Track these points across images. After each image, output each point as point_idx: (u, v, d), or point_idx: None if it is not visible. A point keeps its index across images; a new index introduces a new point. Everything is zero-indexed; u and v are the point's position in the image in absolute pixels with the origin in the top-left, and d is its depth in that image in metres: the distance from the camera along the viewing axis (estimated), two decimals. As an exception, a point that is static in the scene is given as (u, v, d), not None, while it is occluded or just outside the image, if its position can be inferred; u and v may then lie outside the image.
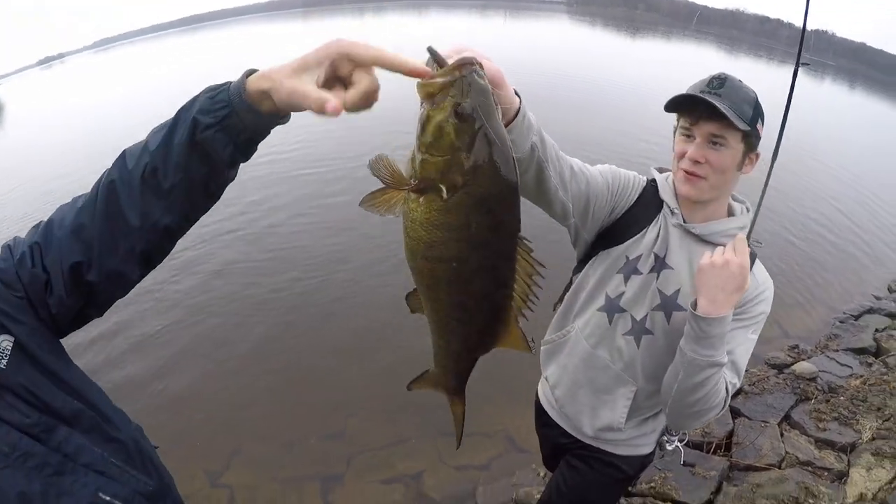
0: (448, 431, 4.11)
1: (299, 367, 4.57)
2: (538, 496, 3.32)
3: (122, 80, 25.24)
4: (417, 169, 0.82)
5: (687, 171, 1.46)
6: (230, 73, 0.88)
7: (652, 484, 3.32)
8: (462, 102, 0.76)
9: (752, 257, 1.53)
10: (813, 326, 5.68)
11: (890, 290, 6.70)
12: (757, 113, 1.42)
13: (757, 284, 1.49)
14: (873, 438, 3.81)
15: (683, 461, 3.30)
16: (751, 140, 1.43)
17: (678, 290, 1.54)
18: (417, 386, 1.21)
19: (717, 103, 1.36)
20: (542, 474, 3.45)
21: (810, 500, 3.19)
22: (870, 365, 4.84)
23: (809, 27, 2.81)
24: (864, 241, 8.09)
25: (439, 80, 0.77)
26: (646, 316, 1.57)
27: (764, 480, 3.38)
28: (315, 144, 9.77)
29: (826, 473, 3.49)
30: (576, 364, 1.75)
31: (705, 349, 1.38)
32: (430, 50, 0.81)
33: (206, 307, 5.33)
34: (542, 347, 1.91)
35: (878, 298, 6.35)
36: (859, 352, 5.06)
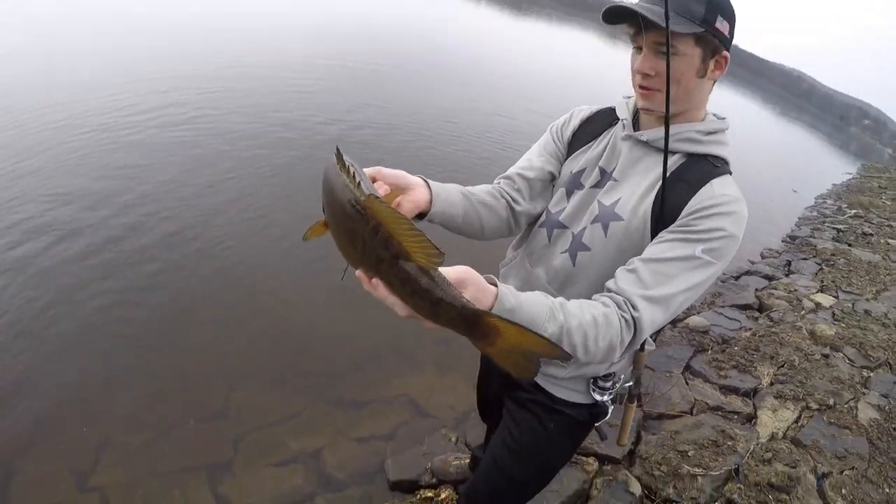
0: (342, 400, 3.51)
1: (165, 334, 3.68)
2: (456, 463, 2.92)
3: None
4: None
5: (641, 87, 1.26)
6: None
7: (570, 438, 3.06)
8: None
9: (713, 173, 1.23)
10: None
11: (762, 255, 7.11)
12: (711, 9, 1.16)
13: (711, 195, 1.17)
14: (772, 383, 3.86)
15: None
16: (707, 41, 1.18)
17: (618, 199, 1.31)
18: None
19: (643, 10, 1.12)
20: (453, 439, 3.05)
21: (728, 442, 3.09)
22: (756, 319, 5.00)
23: None
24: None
25: None
26: (583, 230, 1.35)
27: (680, 427, 3.25)
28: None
29: (736, 417, 3.43)
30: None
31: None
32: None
33: (47, 274, 4.16)
34: (500, 271, 1.65)
35: (752, 262, 6.69)
36: (744, 307, 5.22)
